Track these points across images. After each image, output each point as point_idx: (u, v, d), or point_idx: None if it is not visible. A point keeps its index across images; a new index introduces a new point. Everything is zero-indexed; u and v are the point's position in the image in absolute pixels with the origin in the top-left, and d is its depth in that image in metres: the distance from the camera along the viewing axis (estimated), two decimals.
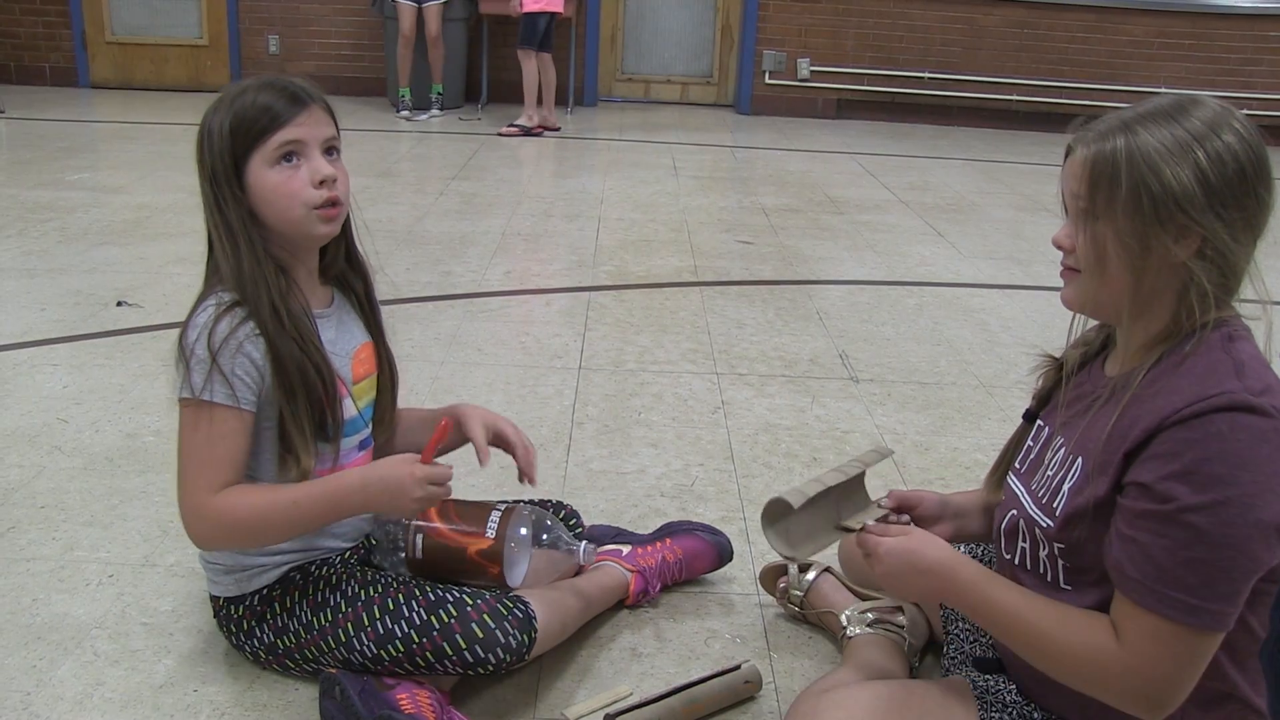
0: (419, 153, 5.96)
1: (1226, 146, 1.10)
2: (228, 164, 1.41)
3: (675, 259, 3.98)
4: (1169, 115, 1.12)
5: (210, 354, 1.38)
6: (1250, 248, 1.14)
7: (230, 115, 1.42)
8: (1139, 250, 1.12)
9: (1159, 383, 1.14)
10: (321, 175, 1.43)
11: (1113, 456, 1.14)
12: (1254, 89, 7.58)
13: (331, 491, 1.43)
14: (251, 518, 1.41)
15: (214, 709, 1.51)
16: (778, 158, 6.29)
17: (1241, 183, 1.10)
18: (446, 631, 1.45)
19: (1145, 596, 1.09)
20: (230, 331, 1.39)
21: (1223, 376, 1.09)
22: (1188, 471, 1.06)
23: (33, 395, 2.52)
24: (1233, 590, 1.07)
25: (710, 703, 1.53)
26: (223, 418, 1.40)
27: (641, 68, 8.11)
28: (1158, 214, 1.10)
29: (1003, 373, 2.96)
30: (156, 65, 7.62)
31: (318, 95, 1.46)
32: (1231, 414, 1.06)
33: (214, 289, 1.44)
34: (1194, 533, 1.06)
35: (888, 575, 1.30)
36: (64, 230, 3.96)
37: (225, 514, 1.40)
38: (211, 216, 1.44)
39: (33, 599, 1.74)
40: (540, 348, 2.99)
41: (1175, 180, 1.09)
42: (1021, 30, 7.65)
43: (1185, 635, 1.08)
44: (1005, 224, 4.86)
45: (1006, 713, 1.30)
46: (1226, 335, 1.14)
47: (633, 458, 2.35)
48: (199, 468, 1.41)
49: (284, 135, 1.41)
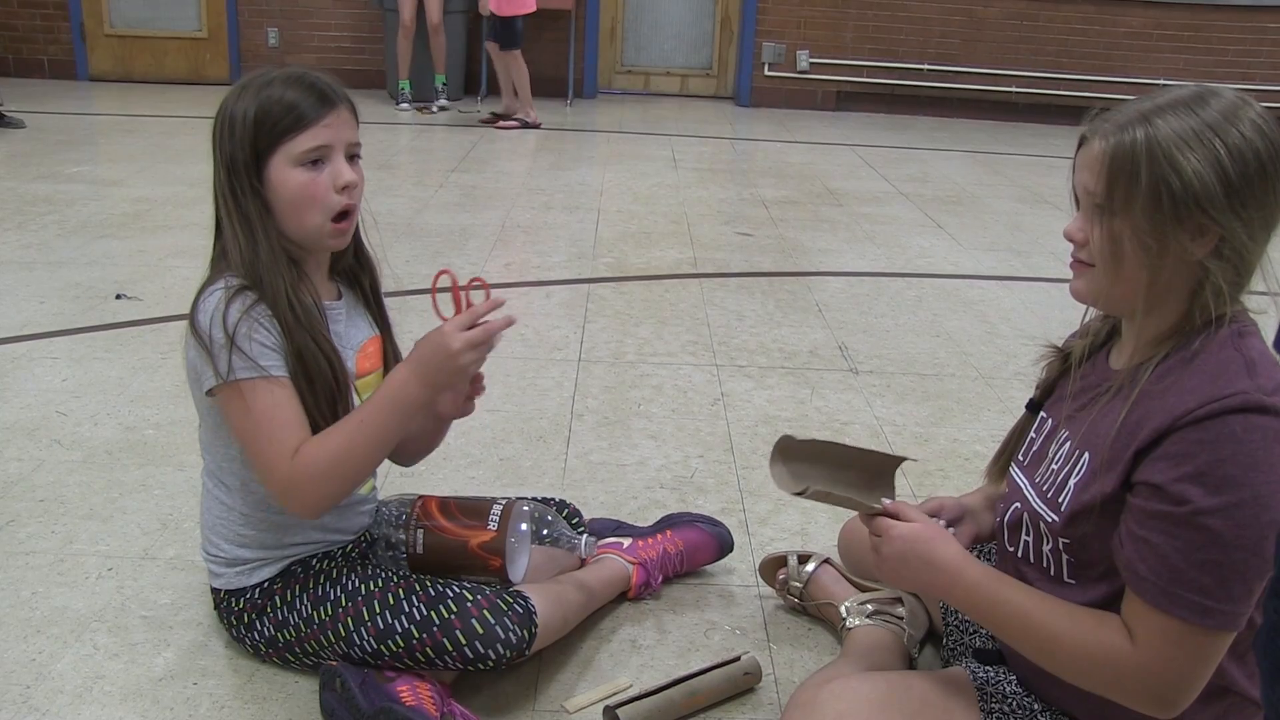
0: (419, 145, 5.95)
1: (1247, 141, 1.08)
2: (248, 154, 1.40)
3: (675, 251, 3.98)
4: (1188, 107, 1.10)
5: (228, 336, 1.37)
6: (1265, 245, 1.13)
7: (256, 105, 1.39)
8: (1156, 247, 1.11)
9: (1168, 378, 1.13)
10: (344, 181, 1.43)
11: (1121, 453, 1.13)
12: (1253, 80, 7.57)
13: (389, 395, 1.41)
14: (335, 460, 1.40)
15: (214, 702, 1.51)
16: (777, 150, 6.28)
17: (1262, 180, 1.09)
18: (446, 627, 1.44)
19: (1159, 597, 1.08)
20: (243, 312, 1.38)
21: (1235, 376, 1.08)
22: (1201, 473, 1.06)
23: (32, 388, 2.52)
24: (1247, 590, 1.07)
25: (710, 694, 1.53)
26: (263, 390, 1.38)
27: (641, 60, 8.10)
28: (1177, 212, 1.09)
29: (1002, 364, 2.96)
30: (155, 58, 7.60)
31: (345, 96, 1.45)
32: (1245, 415, 1.05)
33: (221, 273, 1.43)
34: (1208, 535, 1.05)
35: (893, 559, 1.28)
36: (63, 223, 3.95)
37: (311, 471, 1.39)
38: (225, 203, 1.43)
39: (32, 592, 1.74)
40: (540, 340, 2.99)
41: (1196, 178, 1.07)
42: (1021, 22, 7.63)
43: (1198, 635, 1.08)
44: (1005, 216, 4.85)
45: (1006, 704, 1.30)
46: (1236, 331, 1.13)
47: (632, 450, 2.35)
48: (266, 445, 1.39)
49: (312, 138, 1.40)
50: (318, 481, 1.40)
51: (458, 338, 1.38)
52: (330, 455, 1.40)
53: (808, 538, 2.02)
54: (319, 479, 1.40)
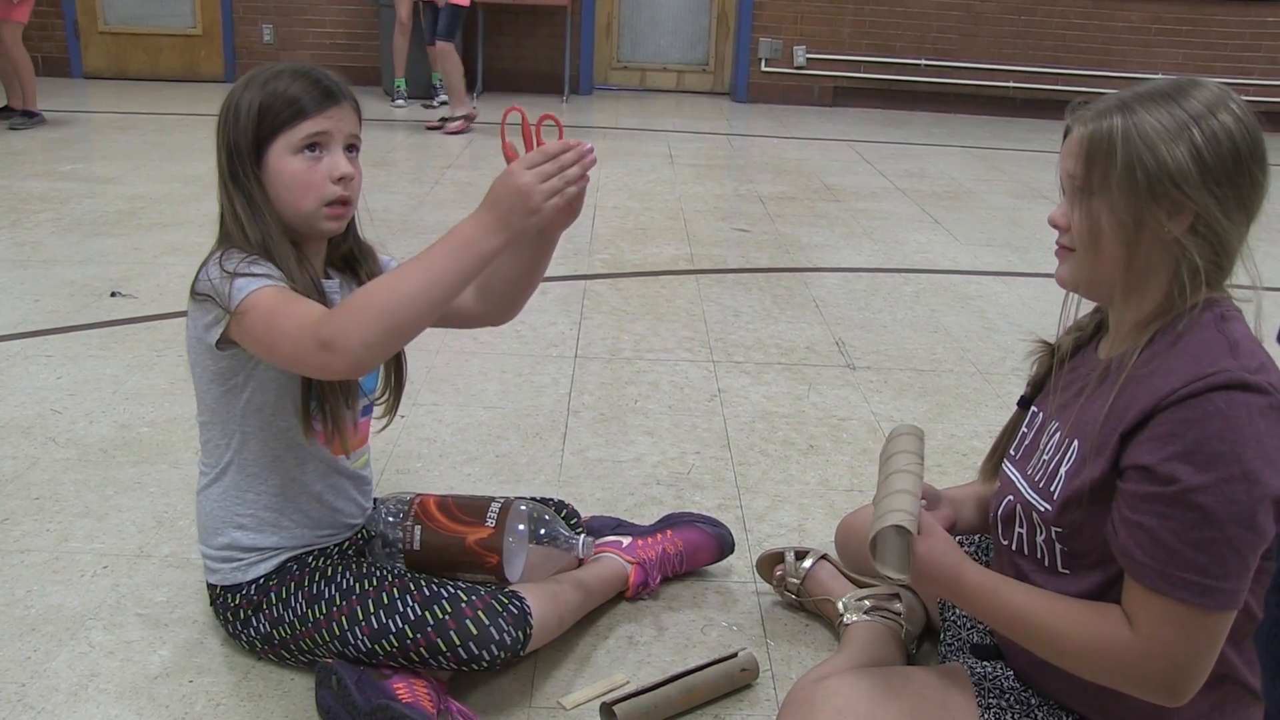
0: (414, 142, 5.94)
1: (1222, 126, 1.10)
2: (249, 142, 1.41)
3: (671, 247, 3.97)
4: (1167, 96, 1.13)
5: (228, 274, 1.37)
6: (1243, 228, 1.14)
7: (261, 96, 1.41)
8: (1133, 225, 1.13)
9: (1154, 363, 1.14)
10: (340, 172, 1.44)
11: (1109, 438, 1.14)
12: (1250, 75, 7.57)
13: (450, 238, 1.28)
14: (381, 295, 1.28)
15: (210, 699, 1.51)
16: (774, 145, 6.27)
17: (1236, 162, 1.11)
18: (441, 628, 1.44)
19: (1156, 580, 1.08)
20: (242, 259, 1.39)
21: (1217, 355, 1.09)
22: (1189, 452, 1.06)
23: (26, 386, 2.51)
24: (1243, 566, 1.07)
25: (707, 691, 1.53)
26: (273, 293, 1.36)
27: (637, 56, 8.09)
28: (1152, 189, 1.11)
29: (1000, 360, 2.96)
30: (150, 55, 7.59)
31: (349, 93, 1.47)
32: (1229, 392, 1.06)
33: (221, 248, 1.44)
34: (1200, 513, 1.06)
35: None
36: (57, 221, 3.94)
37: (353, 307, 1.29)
38: (227, 189, 1.44)
39: (27, 590, 1.74)
40: (536, 336, 2.98)
41: (1170, 156, 1.10)
42: (1018, 17, 7.63)
43: (1199, 617, 1.08)
44: (1002, 211, 4.85)
45: (1004, 699, 1.30)
46: (1219, 315, 1.14)
47: (629, 446, 2.35)
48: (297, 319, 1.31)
49: (312, 125, 1.42)
50: (361, 318, 1.26)
51: (526, 174, 1.27)
52: (376, 291, 1.29)
53: (805, 534, 2.01)
54: (362, 314, 1.26)
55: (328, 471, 1.57)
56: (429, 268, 1.27)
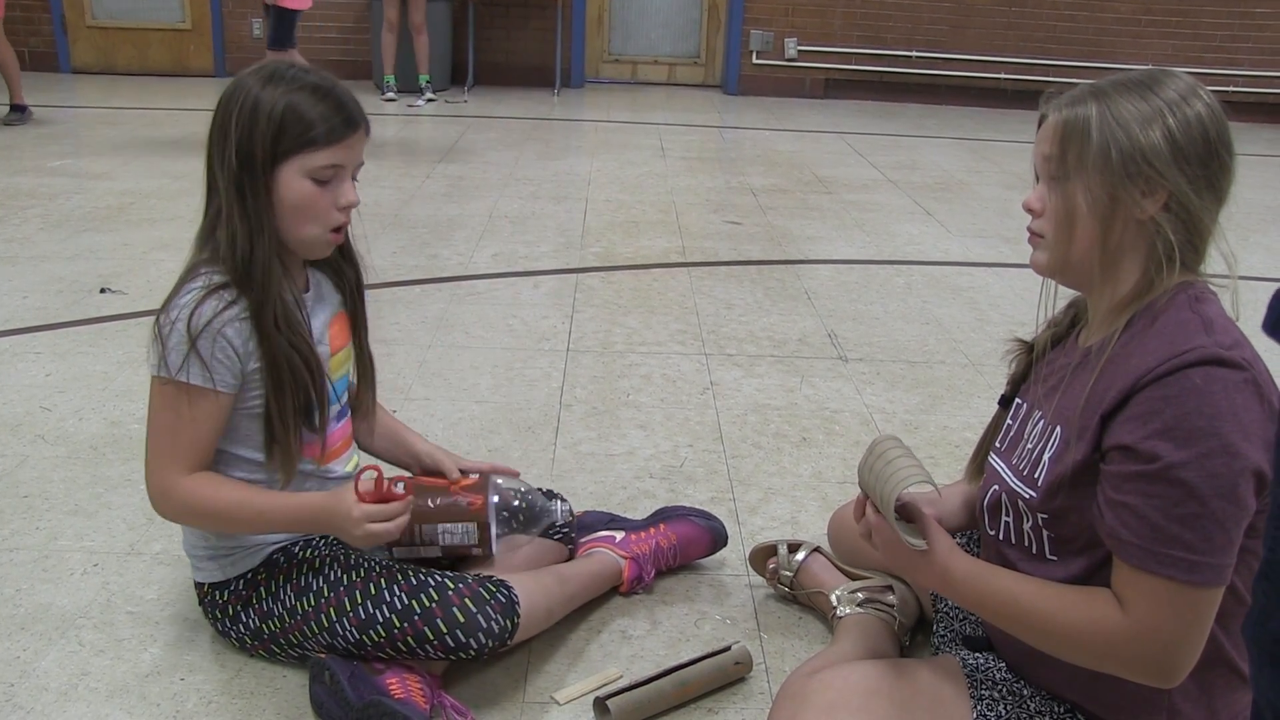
0: (405, 136, 5.92)
1: (1194, 113, 1.15)
2: (266, 153, 1.38)
3: (663, 240, 3.97)
4: (1141, 85, 1.17)
5: (190, 336, 1.37)
6: (1214, 209, 1.17)
7: (286, 105, 1.37)
8: (1108, 203, 1.15)
9: (1131, 345, 1.15)
10: (346, 202, 1.45)
11: (1090, 421, 1.15)
12: (1240, 65, 7.58)
13: (294, 512, 1.47)
14: (217, 511, 1.45)
15: (201, 697, 1.50)
16: (765, 138, 6.27)
17: (1206, 145, 1.15)
18: (428, 616, 1.44)
19: (1144, 559, 1.09)
20: (215, 314, 1.37)
21: (1192, 333, 1.11)
22: (1169, 428, 1.08)
23: (15, 384, 2.50)
24: (1228, 541, 1.08)
25: (700, 684, 1.53)
26: (199, 399, 1.40)
27: (628, 49, 8.07)
28: (1126, 167, 1.14)
29: (992, 351, 2.96)
30: (139, 50, 7.55)
31: (365, 117, 1.46)
32: (1205, 368, 1.08)
33: (204, 266, 1.42)
34: (1184, 489, 1.07)
35: (884, 549, 1.30)
36: (46, 217, 3.92)
37: (193, 500, 1.44)
38: (230, 194, 1.40)
39: (16, 589, 1.73)
40: (528, 330, 2.98)
41: (1144, 137, 1.14)
42: (1009, 8, 7.63)
43: (1188, 594, 1.08)
44: (993, 202, 4.85)
45: (996, 690, 1.30)
46: (1193, 297, 1.16)
47: (621, 439, 2.34)
48: (171, 448, 1.42)
49: (330, 156, 1.40)
50: (187, 510, 1.47)
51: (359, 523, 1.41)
52: (213, 505, 1.45)
53: (798, 526, 2.01)
54: (190, 510, 1.46)
55: (314, 479, 1.56)
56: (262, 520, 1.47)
